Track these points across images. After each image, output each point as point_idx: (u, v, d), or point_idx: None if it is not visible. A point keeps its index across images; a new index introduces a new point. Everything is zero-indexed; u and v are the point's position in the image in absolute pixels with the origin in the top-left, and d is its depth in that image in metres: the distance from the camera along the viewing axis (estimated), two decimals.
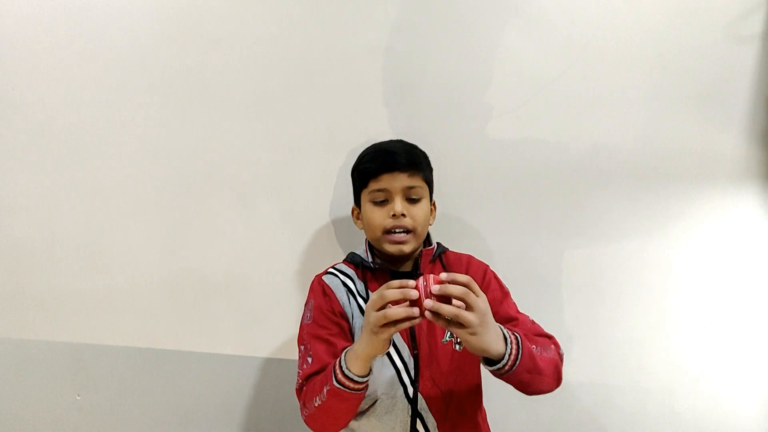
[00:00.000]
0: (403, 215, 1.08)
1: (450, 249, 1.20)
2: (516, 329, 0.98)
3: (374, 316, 0.86)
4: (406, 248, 1.09)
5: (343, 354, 0.96)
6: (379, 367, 1.05)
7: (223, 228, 1.41)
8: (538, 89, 1.38)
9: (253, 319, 1.40)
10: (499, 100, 1.39)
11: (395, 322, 0.85)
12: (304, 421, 1.03)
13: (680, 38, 1.36)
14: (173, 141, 1.40)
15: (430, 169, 1.19)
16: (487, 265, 1.18)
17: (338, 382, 0.93)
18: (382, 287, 0.88)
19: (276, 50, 1.40)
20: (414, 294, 0.84)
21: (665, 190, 1.36)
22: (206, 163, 1.41)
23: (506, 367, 0.90)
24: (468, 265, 1.16)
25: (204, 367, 1.40)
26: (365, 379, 0.94)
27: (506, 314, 1.10)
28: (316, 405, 0.98)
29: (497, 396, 1.18)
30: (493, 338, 0.87)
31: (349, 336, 1.09)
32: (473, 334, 0.84)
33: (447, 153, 1.36)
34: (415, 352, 1.06)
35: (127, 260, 1.40)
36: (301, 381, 1.05)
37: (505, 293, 1.15)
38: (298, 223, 1.41)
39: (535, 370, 0.95)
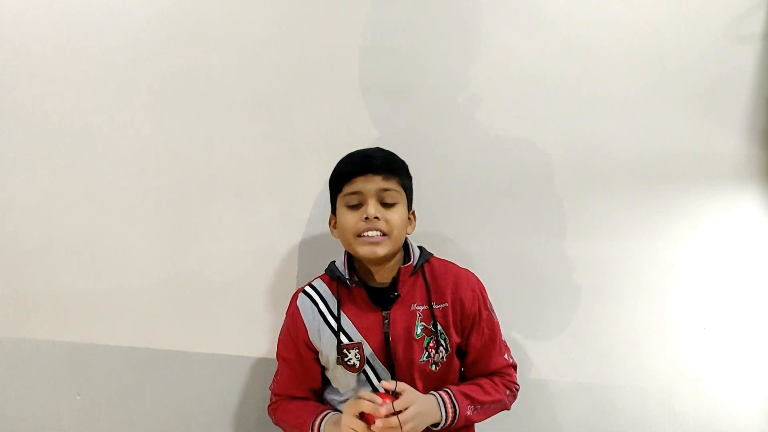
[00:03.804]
0: (377, 218, 1.04)
1: (447, 248, 1.19)
2: (455, 389, 1.09)
3: (349, 421, 0.99)
4: (380, 250, 1.05)
5: (324, 421, 1.07)
6: (356, 385, 1.08)
7: (222, 229, 1.41)
8: (539, 89, 1.38)
9: (253, 320, 1.40)
10: (499, 100, 1.39)
11: None
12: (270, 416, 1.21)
13: (680, 38, 1.36)
14: (173, 142, 1.40)
15: (409, 177, 1.14)
16: (477, 279, 1.16)
17: None
18: (358, 399, 1.00)
19: (275, 50, 1.40)
20: (382, 411, 0.97)
21: (665, 190, 1.36)
22: (205, 164, 1.41)
23: (443, 427, 1.05)
24: (456, 282, 1.12)
25: (204, 367, 1.40)
26: None
27: (486, 367, 1.15)
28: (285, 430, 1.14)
29: None
30: (430, 416, 1.03)
31: (313, 363, 1.15)
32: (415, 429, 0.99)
33: (447, 153, 1.36)
34: (392, 368, 1.07)
35: (127, 261, 1.40)
36: (271, 394, 1.21)
37: (494, 330, 1.15)
38: (298, 224, 1.41)
39: (475, 419, 1.10)
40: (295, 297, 1.18)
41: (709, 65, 1.34)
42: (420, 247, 1.16)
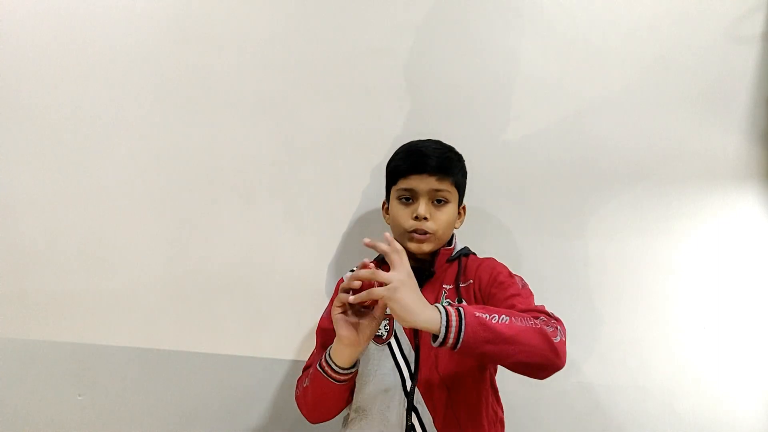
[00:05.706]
0: (426, 219, 1.10)
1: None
2: (464, 306, 0.90)
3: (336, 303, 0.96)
4: (426, 247, 1.12)
5: (331, 347, 1.02)
6: (379, 357, 1.07)
7: (226, 228, 1.41)
8: (539, 89, 1.38)
9: (257, 320, 1.41)
10: (502, 100, 1.39)
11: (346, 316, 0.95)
12: (296, 401, 1.13)
13: (681, 38, 1.36)
14: (177, 142, 1.41)
15: (463, 173, 1.19)
16: (504, 266, 1.15)
17: (320, 366, 1.02)
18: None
19: (281, 51, 1.41)
20: (356, 284, 0.92)
21: (666, 190, 1.36)
22: (210, 163, 1.41)
23: (450, 340, 0.84)
24: (480, 265, 1.15)
25: (207, 367, 1.40)
26: (346, 372, 1.00)
27: (503, 295, 1.05)
28: (304, 385, 1.08)
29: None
30: (417, 308, 0.86)
31: None
32: (390, 300, 0.85)
33: None
34: (417, 344, 1.07)
35: (131, 261, 1.41)
36: (303, 368, 1.16)
37: (511, 281, 1.09)
38: (302, 223, 1.41)
39: (499, 339, 0.86)
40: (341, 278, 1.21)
41: (709, 65, 1.35)
42: (465, 247, 1.19)
